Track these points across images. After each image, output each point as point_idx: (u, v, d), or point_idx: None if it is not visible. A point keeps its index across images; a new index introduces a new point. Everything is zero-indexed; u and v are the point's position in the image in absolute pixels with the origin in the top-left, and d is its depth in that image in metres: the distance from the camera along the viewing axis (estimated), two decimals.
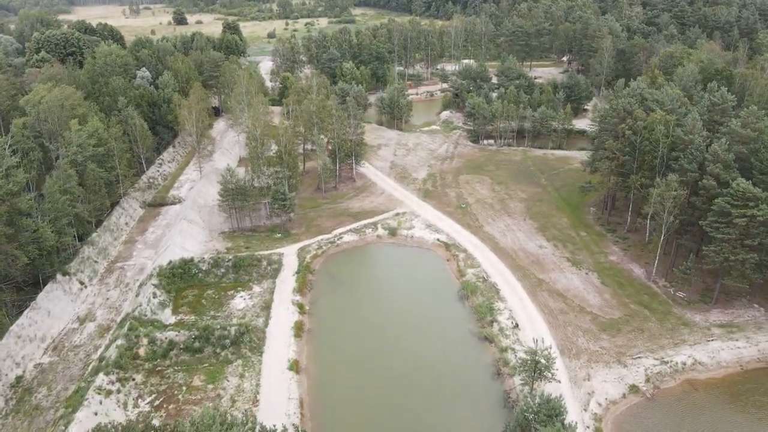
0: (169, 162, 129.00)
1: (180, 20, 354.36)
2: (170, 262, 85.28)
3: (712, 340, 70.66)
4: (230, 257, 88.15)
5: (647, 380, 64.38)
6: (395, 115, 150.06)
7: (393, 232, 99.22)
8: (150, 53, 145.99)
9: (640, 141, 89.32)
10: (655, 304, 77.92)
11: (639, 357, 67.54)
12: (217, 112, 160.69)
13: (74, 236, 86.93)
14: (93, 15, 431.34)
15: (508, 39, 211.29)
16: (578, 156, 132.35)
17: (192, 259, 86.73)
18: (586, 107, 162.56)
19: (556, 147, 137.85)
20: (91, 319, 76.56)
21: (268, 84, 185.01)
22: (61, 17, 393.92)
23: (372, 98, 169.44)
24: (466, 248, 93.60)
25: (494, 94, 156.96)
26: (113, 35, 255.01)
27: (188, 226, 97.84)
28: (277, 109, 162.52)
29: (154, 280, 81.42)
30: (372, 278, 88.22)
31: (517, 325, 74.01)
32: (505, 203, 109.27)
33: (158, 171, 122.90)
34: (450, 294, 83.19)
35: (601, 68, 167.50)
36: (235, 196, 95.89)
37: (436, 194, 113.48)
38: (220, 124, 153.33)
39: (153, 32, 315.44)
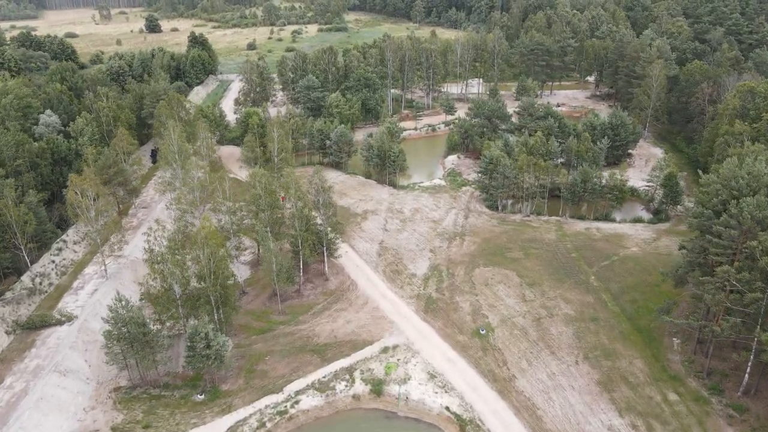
0: (74, 244, 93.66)
1: (153, 28, 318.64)
2: None
3: None
4: None
5: None
6: (386, 167, 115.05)
7: (378, 389, 64.57)
8: (63, 89, 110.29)
9: None
10: None
11: None
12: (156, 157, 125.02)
13: None
14: (62, 20, 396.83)
15: (526, 57, 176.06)
16: (634, 234, 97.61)
17: None
18: (630, 151, 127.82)
19: (602, 217, 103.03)
20: None
21: (232, 117, 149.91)
22: (26, 23, 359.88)
23: (361, 134, 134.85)
24: (491, 430, 58.93)
25: (513, 138, 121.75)
26: (63, 49, 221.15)
27: (58, 384, 62.99)
28: (235, 150, 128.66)
29: None
30: None
31: None
32: (544, 326, 74.40)
33: (53, 262, 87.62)
34: None
35: (648, 101, 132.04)
36: (130, 342, 61.17)
37: (443, 306, 78.65)
38: (155, 179, 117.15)
39: (119, 42, 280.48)
